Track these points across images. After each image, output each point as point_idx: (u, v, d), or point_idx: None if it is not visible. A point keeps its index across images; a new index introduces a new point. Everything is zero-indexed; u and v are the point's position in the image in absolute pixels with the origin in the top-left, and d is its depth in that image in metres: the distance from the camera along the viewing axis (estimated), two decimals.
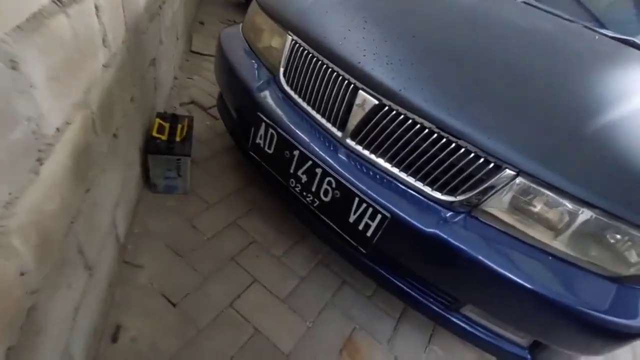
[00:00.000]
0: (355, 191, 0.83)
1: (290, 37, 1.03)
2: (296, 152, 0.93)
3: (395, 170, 0.85)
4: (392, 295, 0.99)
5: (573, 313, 0.74)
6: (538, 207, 0.77)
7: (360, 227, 0.86)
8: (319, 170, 0.89)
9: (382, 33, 0.95)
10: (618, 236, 0.75)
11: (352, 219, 0.87)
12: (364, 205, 0.83)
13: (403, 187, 0.84)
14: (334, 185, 0.87)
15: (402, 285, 0.94)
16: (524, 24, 1.18)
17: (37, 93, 0.49)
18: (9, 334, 0.47)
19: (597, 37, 1.24)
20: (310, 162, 0.90)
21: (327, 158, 0.89)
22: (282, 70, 1.06)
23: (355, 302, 1.19)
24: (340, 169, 0.86)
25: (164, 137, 1.21)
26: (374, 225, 0.83)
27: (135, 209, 1.18)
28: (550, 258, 0.77)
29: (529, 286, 0.74)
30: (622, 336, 0.77)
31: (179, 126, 1.27)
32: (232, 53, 1.21)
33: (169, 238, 1.16)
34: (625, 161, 0.77)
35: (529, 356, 0.89)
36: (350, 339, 1.09)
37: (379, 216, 0.81)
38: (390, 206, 0.80)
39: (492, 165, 0.76)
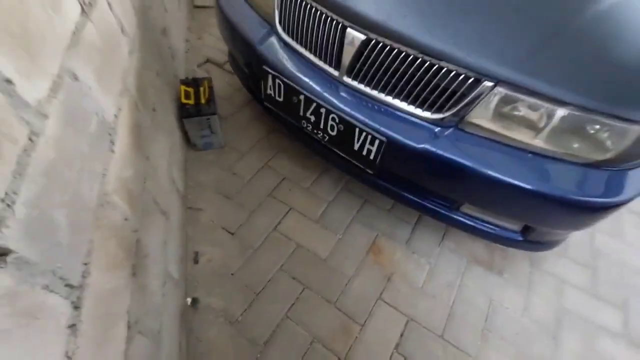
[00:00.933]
0: (355, 122, 0.97)
1: None
2: (302, 97, 1.05)
3: (389, 99, 0.96)
4: (407, 206, 1.18)
5: (553, 199, 0.87)
6: (518, 111, 0.85)
7: (364, 153, 1.01)
8: (322, 110, 1.02)
9: None
10: (597, 126, 0.82)
11: (356, 146, 1.02)
12: (364, 134, 0.96)
13: (396, 112, 0.96)
14: (337, 121, 1.01)
15: (409, 196, 1.11)
16: None
17: (94, 92, 0.67)
18: (130, 257, 0.73)
19: None
20: (314, 104, 1.03)
21: (329, 97, 1.01)
22: (277, 18, 1.13)
23: (377, 216, 1.40)
24: (340, 105, 0.99)
25: (191, 102, 1.39)
26: (374, 149, 0.98)
27: (185, 166, 1.43)
28: (530, 155, 0.88)
29: (513, 181, 0.87)
30: (597, 211, 0.89)
31: (201, 89, 1.43)
32: (230, 9, 1.28)
33: (216, 185, 1.42)
34: (597, 57, 0.81)
35: (520, 238, 1.05)
36: (375, 243, 1.33)
37: (377, 141, 0.95)
38: (385, 130, 0.93)
39: (471, 79, 0.84)
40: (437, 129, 0.92)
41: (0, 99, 0.40)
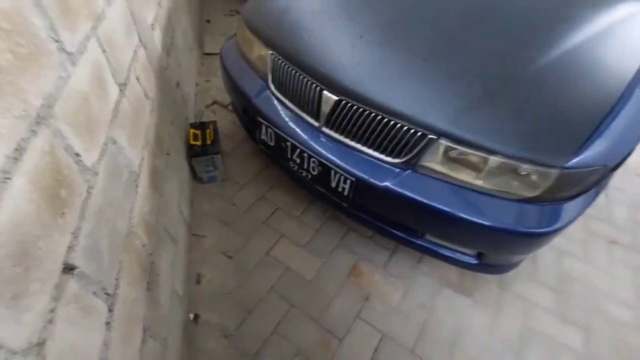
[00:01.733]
0: (330, 165, 1.18)
1: (270, 51, 1.34)
2: (289, 143, 1.28)
3: (359, 145, 1.17)
4: (380, 234, 1.36)
5: (493, 230, 1.05)
6: (460, 157, 1.06)
7: (339, 189, 1.22)
8: (305, 154, 1.24)
9: (336, 42, 1.22)
10: (525, 169, 1.01)
11: (333, 184, 1.22)
12: (338, 174, 1.18)
13: (364, 156, 1.17)
14: (317, 163, 1.22)
15: (380, 225, 1.30)
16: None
17: (126, 150, 0.89)
18: (146, 275, 0.93)
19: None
20: (299, 149, 1.25)
21: (310, 143, 1.23)
22: (270, 77, 1.38)
23: (358, 242, 1.59)
24: (319, 150, 1.21)
25: (199, 143, 1.63)
26: (347, 187, 1.18)
27: (191, 198, 1.64)
28: (474, 193, 1.07)
29: (458, 214, 1.06)
30: (532, 239, 1.07)
31: (207, 131, 1.67)
32: (232, 66, 1.54)
33: (218, 214, 1.62)
34: (521, 112, 1.02)
35: (476, 261, 1.23)
36: (355, 266, 1.50)
37: (348, 180, 1.16)
38: (355, 171, 1.14)
39: (419, 133, 1.06)
40: (396, 171, 1.13)
41: (73, 167, 0.62)
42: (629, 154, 1.10)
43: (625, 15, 1.28)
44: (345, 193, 1.21)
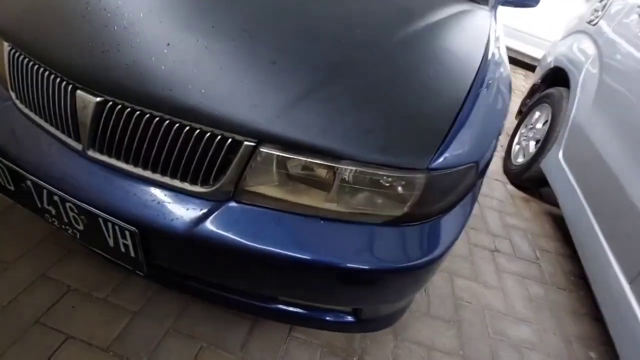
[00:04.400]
0: (96, 211, 0.69)
1: (6, 44, 0.82)
2: (30, 182, 0.75)
3: (147, 173, 0.72)
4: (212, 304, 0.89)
5: (364, 274, 0.71)
6: (301, 173, 0.71)
7: (122, 249, 0.72)
8: (56, 198, 0.72)
9: (99, 22, 0.79)
10: (384, 179, 0.71)
11: (111, 242, 0.73)
12: (110, 224, 0.69)
13: (156, 189, 0.72)
14: (76, 211, 0.72)
15: (214, 292, 0.84)
16: None
17: None
18: None
19: None
20: (45, 191, 0.73)
21: (66, 180, 0.73)
22: (9, 81, 0.85)
23: (202, 319, 1.07)
24: (75, 189, 0.71)
25: None
26: (129, 243, 0.70)
27: None
28: (328, 223, 0.72)
29: (309, 259, 0.68)
30: (421, 272, 0.76)
31: None
32: None
33: None
34: (371, 106, 0.75)
35: (353, 319, 0.86)
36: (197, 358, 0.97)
37: (127, 233, 0.68)
38: (136, 217, 0.68)
39: (230, 141, 0.67)
40: (209, 205, 0.71)
41: None
42: (494, 148, 0.95)
43: (463, 10, 1.24)
44: (132, 254, 0.72)
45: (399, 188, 0.71)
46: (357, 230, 0.73)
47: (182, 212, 0.69)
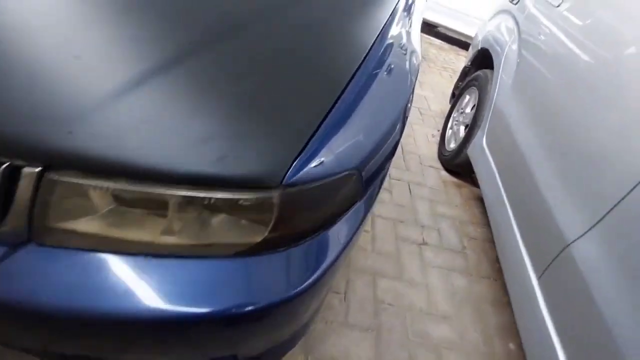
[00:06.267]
0: None
1: None
2: None
3: None
4: None
5: (215, 321, 0.57)
6: (118, 201, 0.55)
7: None
8: None
9: None
10: (238, 201, 0.57)
11: None
12: None
13: None
14: None
15: None
16: None
17: None
18: None
19: None
20: None
21: None
22: None
23: None
24: None
25: None
26: None
27: None
28: (166, 262, 0.57)
29: (137, 311, 0.53)
30: (302, 301, 0.65)
31: None
32: None
33: None
34: (205, 106, 0.59)
35: None
36: None
37: None
38: None
39: (4, 166, 0.49)
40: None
41: None
42: (395, 147, 0.84)
43: None
44: None
45: (251, 211, 0.58)
46: (204, 266, 0.58)
47: None
